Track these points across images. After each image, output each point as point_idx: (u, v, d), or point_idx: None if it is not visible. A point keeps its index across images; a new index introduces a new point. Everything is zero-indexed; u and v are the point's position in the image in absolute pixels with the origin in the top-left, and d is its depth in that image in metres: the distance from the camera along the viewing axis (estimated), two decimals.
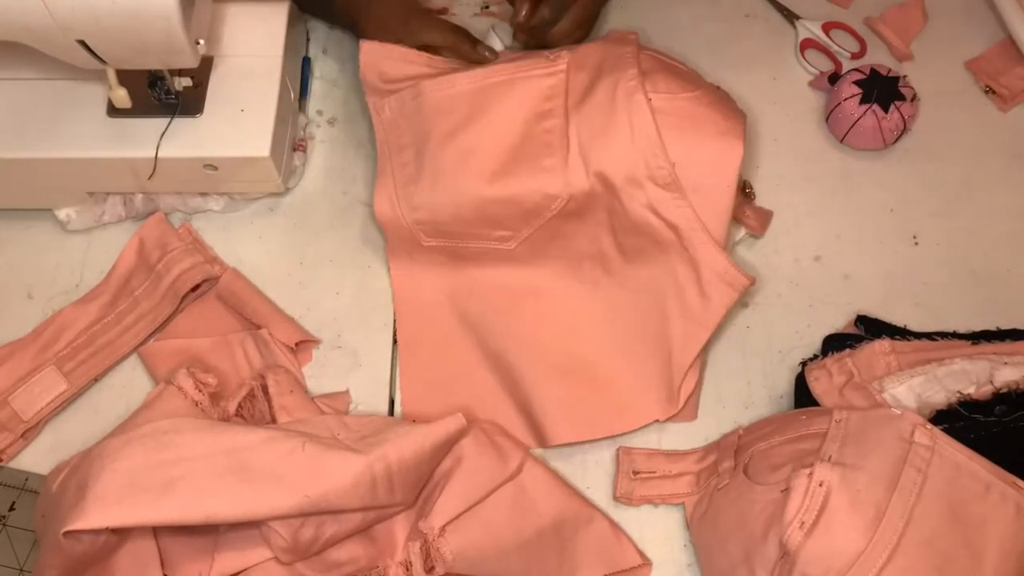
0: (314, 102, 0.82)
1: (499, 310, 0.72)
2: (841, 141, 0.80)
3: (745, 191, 0.76)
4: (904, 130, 0.78)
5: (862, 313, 0.73)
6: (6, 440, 0.68)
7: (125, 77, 0.66)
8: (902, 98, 0.77)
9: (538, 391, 0.69)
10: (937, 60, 0.84)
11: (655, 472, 0.68)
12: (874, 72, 0.78)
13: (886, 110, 0.76)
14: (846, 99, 0.78)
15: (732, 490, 0.62)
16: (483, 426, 0.66)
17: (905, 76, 0.78)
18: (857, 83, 0.78)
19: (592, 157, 0.66)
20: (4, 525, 0.66)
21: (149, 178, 0.71)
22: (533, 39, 0.76)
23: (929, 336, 0.68)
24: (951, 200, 0.78)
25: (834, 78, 0.81)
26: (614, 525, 0.66)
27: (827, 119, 0.80)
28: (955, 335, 0.69)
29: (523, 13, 0.73)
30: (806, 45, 0.85)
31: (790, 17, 0.86)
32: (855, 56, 0.84)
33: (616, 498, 0.67)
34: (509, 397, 0.70)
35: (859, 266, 0.76)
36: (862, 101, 0.77)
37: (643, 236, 0.68)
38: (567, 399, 0.69)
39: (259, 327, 0.71)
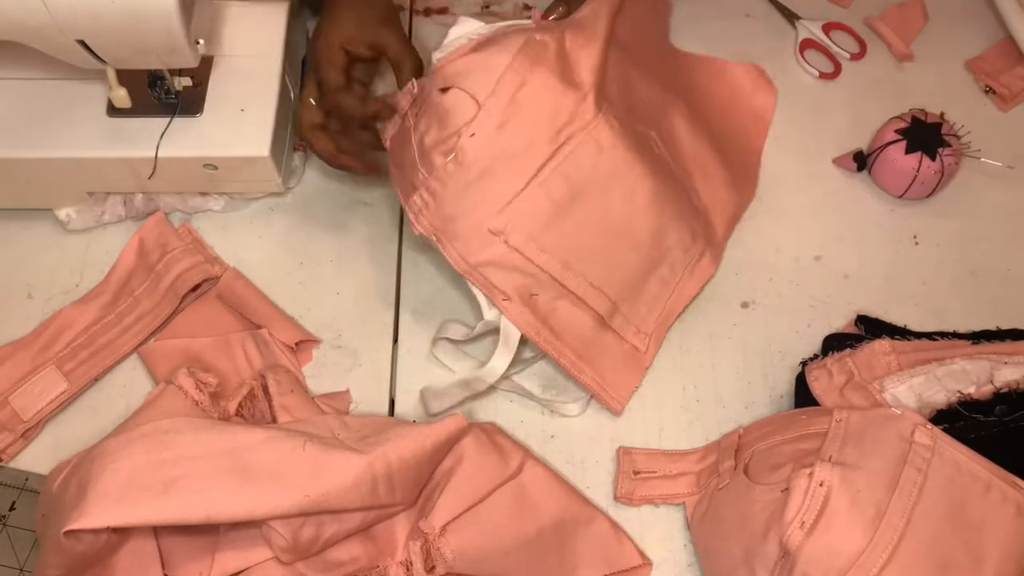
0: None
1: None
2: (900, 197, 0.78)
3: None
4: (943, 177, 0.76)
5: (862, 313, 0.73)
6: (6, 440, 0.68)
7: (125, 77, 0.66)
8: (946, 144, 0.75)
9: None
10: (937, 60, 0.84)
11: (655, 472, 0.68)
12: (915, 120, 0.76)
13: (933, 159, 0.75)
14: (899, 156, 0.76)
15: (732, 490, 0.62)
16: (483, 426, 0.66)
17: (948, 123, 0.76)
18: (900, 131, 0.76)
19: None
20: (4, 525, 0.66)
21: (149, 178, 0.71)
22: None
23: (929, 336, 0.68)
24: (951, 200, 0.78)
25: (860, 158, 0.78)
26: (614, 525, 0.66)
27: (871, 170, 0.78)
28: (955, 335, 0.69)
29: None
30: (806, 45, 0.85)
31: (790, 17, 0.86)
32: (855, 57, 0.84)
33: (617, 498, 0.67)
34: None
35: (859, 266, 0.76)
36: (908, 151, 0.75)
37: None
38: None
39: (259, 327, 0.71)
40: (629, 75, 0.73)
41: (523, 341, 0.67)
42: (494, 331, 0.67)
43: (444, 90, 0.63)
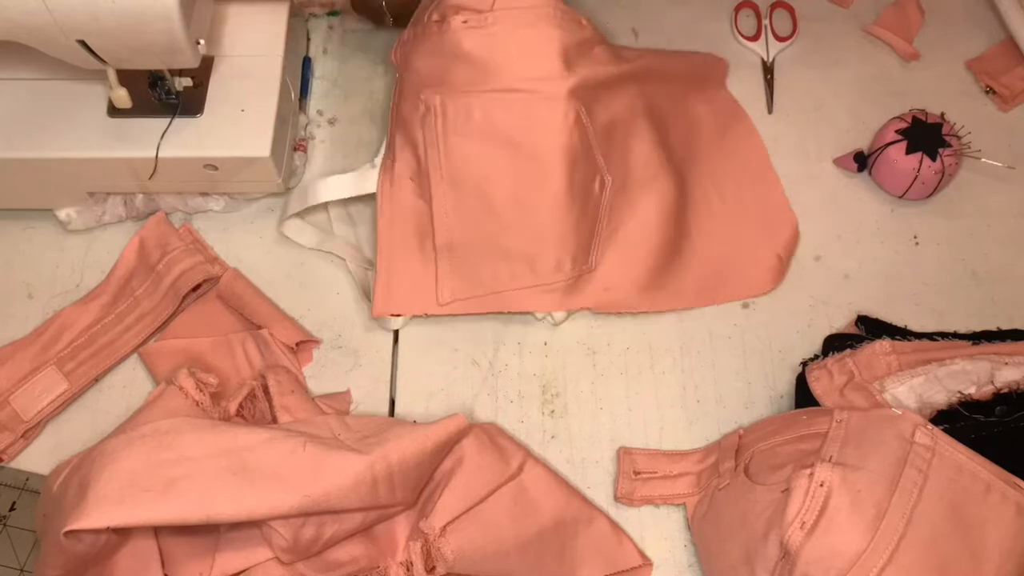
0: (314, 102, 0.82)
1: None
2: (901, 197, 0.77)
3: None
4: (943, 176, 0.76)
5: (862, 313, 0.73)
6: (6, 440, 0.68)
7: (125, 77, 0.67)
8: (946, 144, 0.75)
9: None
10: (937, 60, 0.84)
11: (656, 472, 0.68)
12: (916, 120, 0.76)
13: (934, 159, 0.74)
14: (897, 156, 0.75)
15: (733, 490, 0.62)
16: (484, 426, 0.66)
17: (948, 123, 0.76)
18: (900, 131, 0.76)
19: None
20: (4, 525, 0.66)
21: (149, 178, 0.71)
22: None
23: (929, 336, 0.68)
24: (951, 200, 0.78)
25: (860, 158, 0.78)
26: (615, 525, 0.66)
27: (871, 170, 0.78)
28: (955, 335, 0.69)
29: None
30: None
31: None
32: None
33: (617, 498, 0.67)
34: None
35: (859, 266, 0.76)
36: (909, 151, 0.75)
37: None
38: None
39: (260, 327, 0.71)
40: (634, 127, 0.74)
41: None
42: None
43: None
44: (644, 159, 0.74)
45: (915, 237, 0.77)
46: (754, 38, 0.85)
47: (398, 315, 0.72)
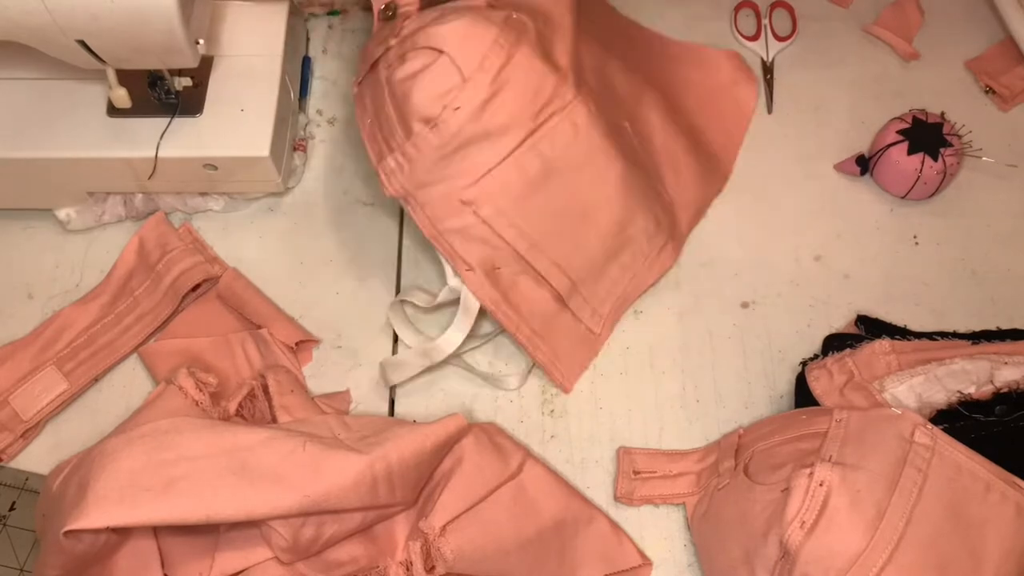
0: (314, 102, 0.82)
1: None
2: (903, 198, 0.77)
3: None
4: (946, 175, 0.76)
5: (862, 313, 0.73)
6: (6, 440, 0.68)
7: (125, 77, 0.67)
8: (948, 144, 0.75)
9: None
10: (937, 60, 0.84)
11: (655, 472, 0.68)
12: (916, 120, 0.76)
13: (935, 159, 0.74)
14: (899, 156, 0.75)
15: (732, 490, 0.62)
16: (483, 426, 0.66)
17: (949, 122, 0.77)
18: (901, 132, 0.76)
19: None
20: (4, 525, 0.66)
21: (149, 178, 0.71)
22: None
23: (929, 336, 0.68)
24: (951, 200, 0.78)
25: (862, 161, 0.78)
26: (614, 525, 0.66)
27: (872, 172, 0.78)
28: (955, 335, 0.69)
29: None
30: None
31: None
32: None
33: (617, 498, 0.67)
34: None
35: (859, 266, 0.76)
36: (911, 151, 0.75)
37: None
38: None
39: (259, 327, 0.71)
40: (605, 66, 0.74)
41: (481, 315, 0.68)
42: (454, 302, 0.68)
43: (432, 50, 0.61)
44: (627, 86, 0.75)
45: (915, 237, 0.77)
46: (754, 38, 0.85)
47: (581, 372, 0.72)
